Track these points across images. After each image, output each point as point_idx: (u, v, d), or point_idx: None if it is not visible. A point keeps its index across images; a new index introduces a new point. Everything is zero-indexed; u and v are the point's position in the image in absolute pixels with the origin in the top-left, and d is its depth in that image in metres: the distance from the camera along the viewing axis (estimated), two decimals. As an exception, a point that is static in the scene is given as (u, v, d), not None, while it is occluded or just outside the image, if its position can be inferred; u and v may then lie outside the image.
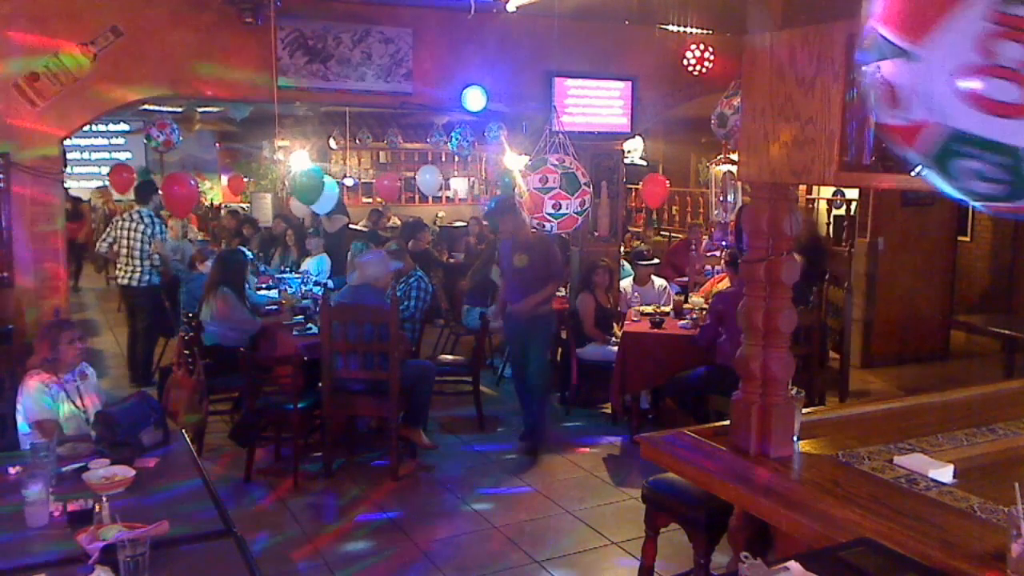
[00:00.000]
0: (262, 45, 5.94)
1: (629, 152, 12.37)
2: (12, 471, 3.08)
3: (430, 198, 15.19)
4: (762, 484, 2.78)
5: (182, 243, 8.76)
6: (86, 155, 16.22)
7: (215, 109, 12.90)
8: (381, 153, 15.52)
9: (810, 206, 11.47)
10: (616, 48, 7.17)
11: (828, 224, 11.39)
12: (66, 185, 14.09)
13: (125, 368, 7.82)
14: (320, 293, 6.96)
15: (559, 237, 7.20)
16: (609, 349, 6.52)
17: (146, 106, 9.73)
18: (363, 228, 11.05)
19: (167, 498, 2.98)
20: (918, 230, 8.49)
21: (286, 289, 7.58)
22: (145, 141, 11.55)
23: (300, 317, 6.49)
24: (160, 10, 5.78)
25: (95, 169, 16.08)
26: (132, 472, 3.05)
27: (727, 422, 3.14)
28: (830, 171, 2.58)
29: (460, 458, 5.80)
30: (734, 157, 6.44)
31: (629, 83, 7.11)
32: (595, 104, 7.05)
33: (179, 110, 11.82)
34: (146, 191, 7.86)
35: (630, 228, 12.16)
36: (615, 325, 6.79)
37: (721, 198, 6.91)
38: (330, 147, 14.04)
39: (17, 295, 5.57)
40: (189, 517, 2.78)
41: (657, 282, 7.55)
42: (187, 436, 3.66)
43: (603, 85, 7.06)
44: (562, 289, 7.71)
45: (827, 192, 11.09)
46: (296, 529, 4.67)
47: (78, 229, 12.56)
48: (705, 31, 7.30)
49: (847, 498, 2.56)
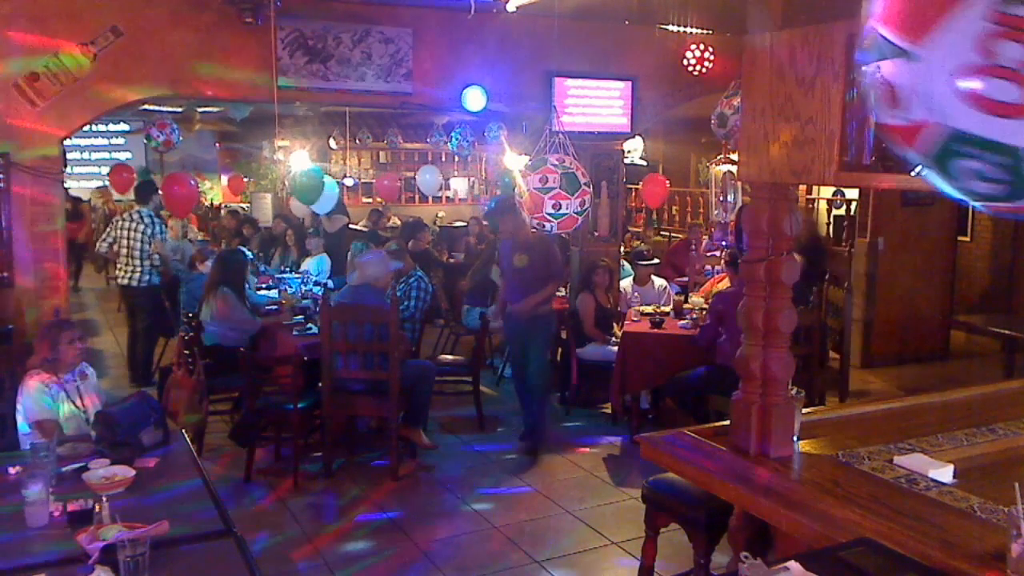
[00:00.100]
0: (262, 45, 5.94)
1: (629, 152, 12.37)
2: (12, 471, 3.08)
3: (430, 198, 15.19)
4: (762, 484, 2.78)
5: (182, 243, 8.76)
6: (86, 155, 16.22)
7: (215, 109, 12.90)
8: (381, 153, 15.53)
9: (810, 206, 11.47)
10: (616, 48, 7.17)
11: (828, 224, 11.39)
12: (66, 185, 14.14)
13: (125, 368, 7.82)
14: (320, 293, 6.96)
15: (559, 237, 7.21)
16: (609, 349, 6.52)
17: (146, 106, 9.73)
18: (363, 228, 11.06)
19: (167, 498, 2.98)
20: (918, 230, 8.49)
21: (286, 289, 7.58)
22: (145, 141, 11.55)
23: (300, 317, 6.49)
24: (160, 10, 5.78)
25: (95, 169, 16.08)
26: (132, 472, 3.05)
27: (727, 422, 3.14)
28: (830, 171, 2.58)
29: (460, 458, 5.81)
30: (734, 157, 6.44)
31: (629, 83, 7.11)
32: (595, 104, 7.05)
33: (179, 110, 11.83)
34: (146, 191, 7.86)
35: (630, 228, 12.16)
36: (615, 325, 6.79)
37: (721, 198, 6.91)
38: (330, 147, 14.04)
39: (17, 295, 5.57)
40: (189, 517, 2.78)
41: (657, 282, 7.55)
42: (187, 436, 3.66)
43: (603, 85, 7.06)
44: (562, 289, 7.71)
45: (827, 192, 11.09)
46: (296, 529, 4.67)
47: (78, 229, 12.56)
48: (705, 31, 7.30)
49: (847, 498, 2.56)
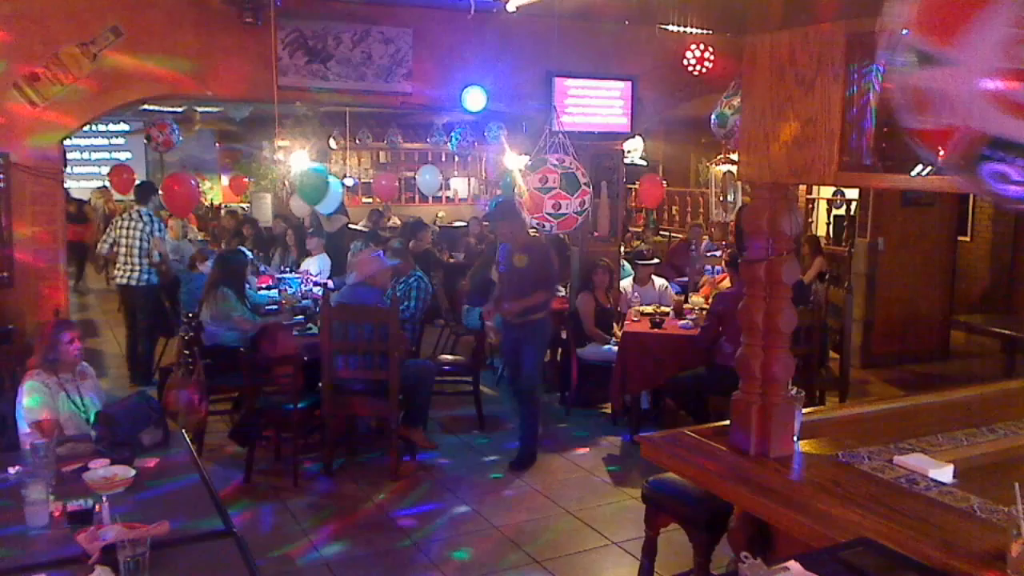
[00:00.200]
0: (262, 45, 5.94)
1: (629, 152, 12.38)
2: (12, 471, 3.08)
3: (430, 198, 15.21)
4: (762, 484, 2.78)
5: (182, 243, 8.76)
6: (86, 155, 16.23)
7: (215, 109, 12.91)
8: (381, 153, 15.54)
9: (810, 206, 11.47)
10: (616, 48, 7.17)
11: (828, 224, 11.40)
12: (71, 188, 14.13)
13: (125, 368, 7.82)
14: (320, 293, 6.96)
15: (558, 240, 7.20)
16: (609, 349, 6.52)
17: (146, 106, 9.74)
18: (363, 228, 11.06)
19: (167, 498, 2.98)
20: (918, 230, 8.49)
21: (286, 289, 7.58)
22: (145, 141, 11.56)
23: (300, 317, 6.49)
24: (160, 10, 5.78)
25: (95, 169, 16.09)
26: (132, 472, 3.05)
27: (727, 422, 3.13)
28: (830, 171, 2.58)
29: (460, 458, 5.81)
30: (734, 157, 6.45)
31: (629, 83, 7.10)
32: (595, 104, 7.04)
33: (179, 110, 11.82)
34: (146, 191, 7.87)
35: (630, 228, 12.17)
36: (615, 325, 6.79)
37: (721, 198, 6.91)
38: (330, 147, 14.05)
39: (17, 295, 5.58)
40: (189, 517, 2.78)
41: (658, 282, 7.54)
42: (187, 436, 3.67)
43: (603, 85, 7.06)
44: (562, 289, 7.71)
45: (827, 192, 11.10)
46: (296, 529, 4.68)
47: (83, 231, 12.58)
48: (705, 31, 7.29)
49: (847, 498, 2.55)
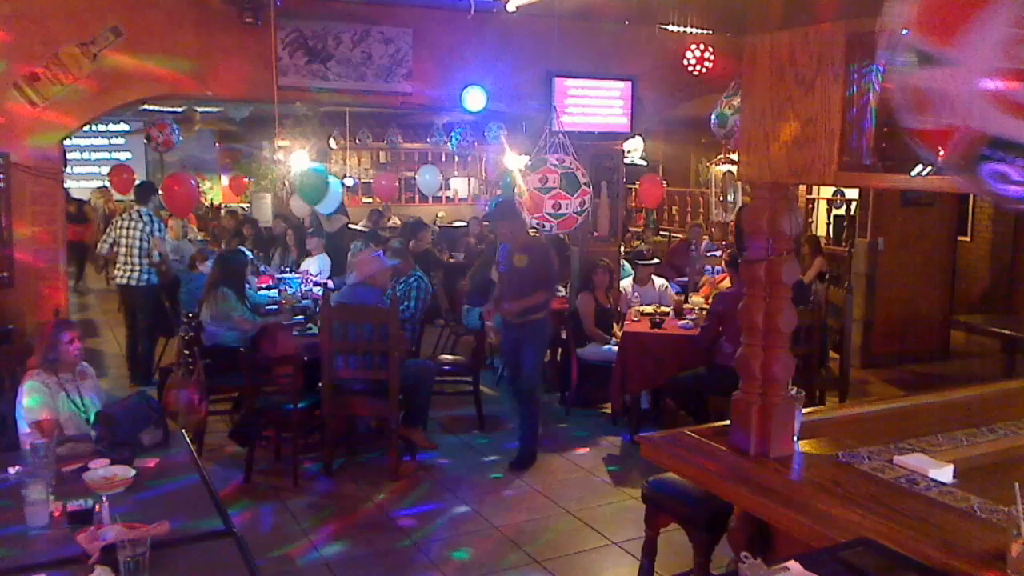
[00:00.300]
0: (262, 45, 5.94)
1: (629, 152, 12.38)
2: (12, 471, 3.08)
3: (430, 198, 15.21)
4: (762, 484, 2.78)
5: (182, 243, 8.75)
6: (86, 155, 16.23)
7: (215, 109, 12.91)
8: (381, 153, 15.55)
9: (810, 206, 11.48)
10: (616, 48, 7.17)
11: (828, 224, 11.40)
12: (71, 188, 14.12)
13: (125, 368, 7.82)
14: (320, 293, 6.95)
15: (558, 240, 7.20)
16: (609, 349, 6.52)
17: (146, 106, 9.74)
18: (363, 228, 11.06)
19: (167, 498, 2.98)
20: (918, 230, 8.49)
21: (286, 289, 7.58)
22: (145, 141, 11.56)
23: (300, 317, 6.49)
24: (160, 10, 5.78)
25: (95, 169, 16.10)
26: (132, 472, 3.05)
27: (727, 422, 3.13)
28: (830, 171, 2.58)
29: (460, 458, 5.81)
30: (734, 157, 6.45)
31: (629, 83, 7.10)
32: (595, 104, 7.04)
33: (179, 110, 11.82)
34: (146, 191, 7.87)
35: (630, 228, 12.17)
36: (615, 325, 6.79)
37: (721, 198, 6.91)
38: (330, 147, 14.05)
39: (17, 295, 5.58)
40: (189, 517, 2.78)
41: (658, 282, 7.54)
42: (187, 436, 3.67)
43: (603, 85, 7.06)
44: (562, 289, 7.71)
45: (827, 192, 11.10)
46: (296, 529, 4.68)
47: (84, 232, 12.58)
48: (705, 31, 7.29)
49: (847, 498, 2.55)
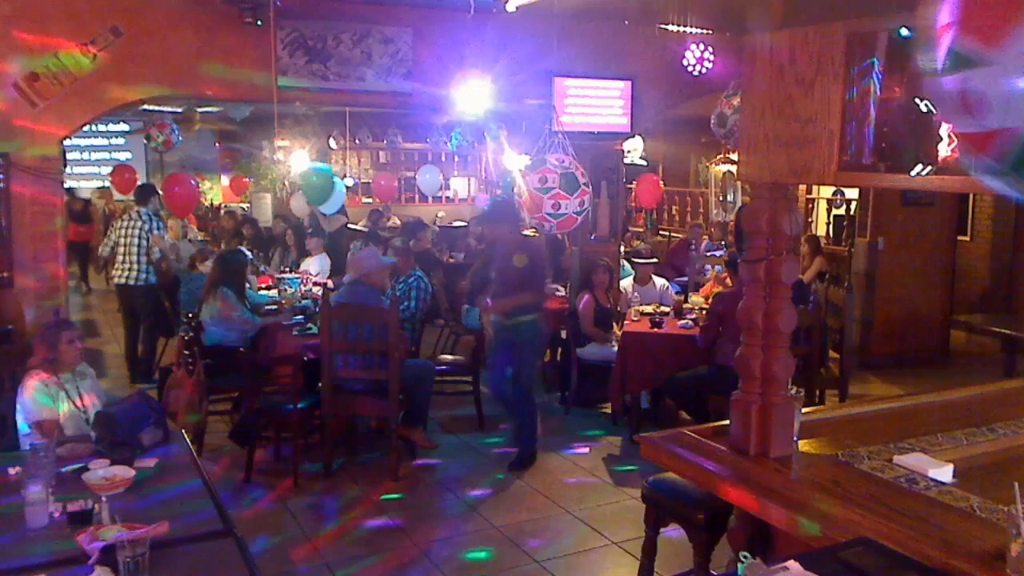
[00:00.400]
0: (262, 45, 5.95)
1: (629, 152, 12.38)
2: (12, 471, 3.08)
3: (430, 198, 15.20)
4: (762, 484, 2.78)
5: (181, 243, 8.75)
6: (86, 155, 16.23)
7: (215, 109, 12.92)
8: (381, 153, 15.54)
9: (810, 206, 11.47)
10: (616, 48, 7.17)
11: (828, 224, 11.39)
12: (76, 187, 14.12)
13: (125, 368, 7.82)
14: (320, 293, 6.95)
15: (554, 239, 7.20)
16: (609, 349, 6.52)
17: (146, 106, 9.75)
18: (363, 228, 11.06)
19: (167, 498, 2.98)
20: (918, 230, 8.49)
21: (286, 289, 7.58)
22: (145, 141, 11.56)
23: (300, 317, 6.49)
24: (160, 10, 5.79)
25: (95, 169, 16.10)
26: (132, 472, 3.04)
27: (727, 422, 3.14)
28: (830, 171, 2.58)
29: (460, 458, 5.80)
30: (734, 157, 6.45)
31: (629, 83, 7.10)
32: (595, 104, 7.04)
33: (179, 110, 11.84)
34: (146, 192, 7.87)
35: (631, 228, 12.16)
36: (615, 325, 6.79)
37: (721, 198, 6.91)
38: (330, 147, 14.05)
39: (17, 295, 5.58)
40: (189, 517, 2.78)
41: (658, 282, 7.54)
42: (187, 436, 3.66)
43: (603, 85, 7.06)
44: (561, 289, 7.71)
45: (827, 192, 11.09)
46: (296, 529, 4.67)
47: (88, 231, 12.58)
48: (705, 31, 7.30)
49: (847, 498, 2.55)
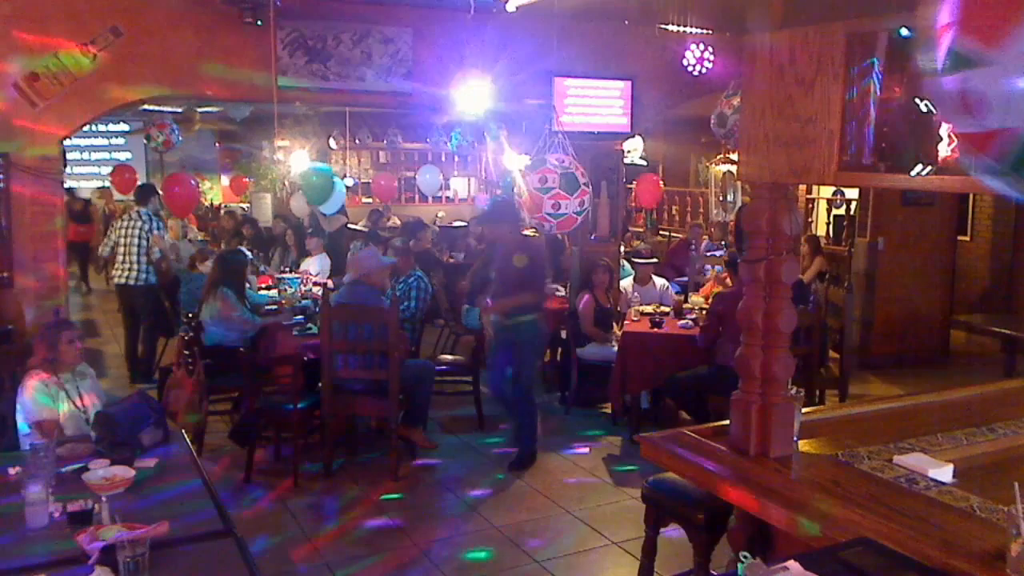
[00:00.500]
0: (262, 45, 5.95)
1: (629, 152, 12.38)
2: (12, 471, 3.08)
3: (430, 198, 15.20)
4: (762, 484, 2.78)
5: (181, 243, 8.76)
6: (86, 155, 16.24)
7: (215, 109, 12.92)
8: (381, 153, 15.54)
9: (810, 206, 11.48)
10: (616, 48, 7.17)
11: (828, 224, 11.39)
12: (76, 187, 14.11)
13: (125, 368, 7.82)
14: (320, 293, 6.95)
15: (554, 239, 7.20)
16: (609, 349, 6.52)
17: (146, 106, 9.75)
18: (363, 228, 11.06)
19: (167, 498, 2.98)
20: (918, 230, 8.49)
21: (286, 289, 7.58)
22: (145, 141, 11.56)
23: (300, 317, 6.49)
24: (160, 10, 5.79)
25: (95, 169, 16.10)
26: (132, 472, 3.04)
27: (727, 422, 3.14)
28: (830, 171, 2.58)
29: (460, 458, 5.80)
30: (734, 157, 6.45)
31: (629, 83, 7.10)
32: (595, 104, 7.04)
33: (179, 110, 11.84)
34: (146, 193, 7.87)
35: (631, 228, 12.16)
36: (615, 325, 6.79)
37: (721, 198, 6.91)
38: (330, 147, 14.05)
39: (17, 295, 5.58)
40: (189, 517, 2.78)
41: (658, 282, 7.54)
42: (187, 436, 3.66)
43: (603, 85, 7.06)
44: (561, 289, 7.71)
45: (827, 192, 11.09)
46: (296, 529, 4.67)
47: (88, 232, 12.57)
48: (705, 31, 7.30)
49: (847, 498, 2.55)
